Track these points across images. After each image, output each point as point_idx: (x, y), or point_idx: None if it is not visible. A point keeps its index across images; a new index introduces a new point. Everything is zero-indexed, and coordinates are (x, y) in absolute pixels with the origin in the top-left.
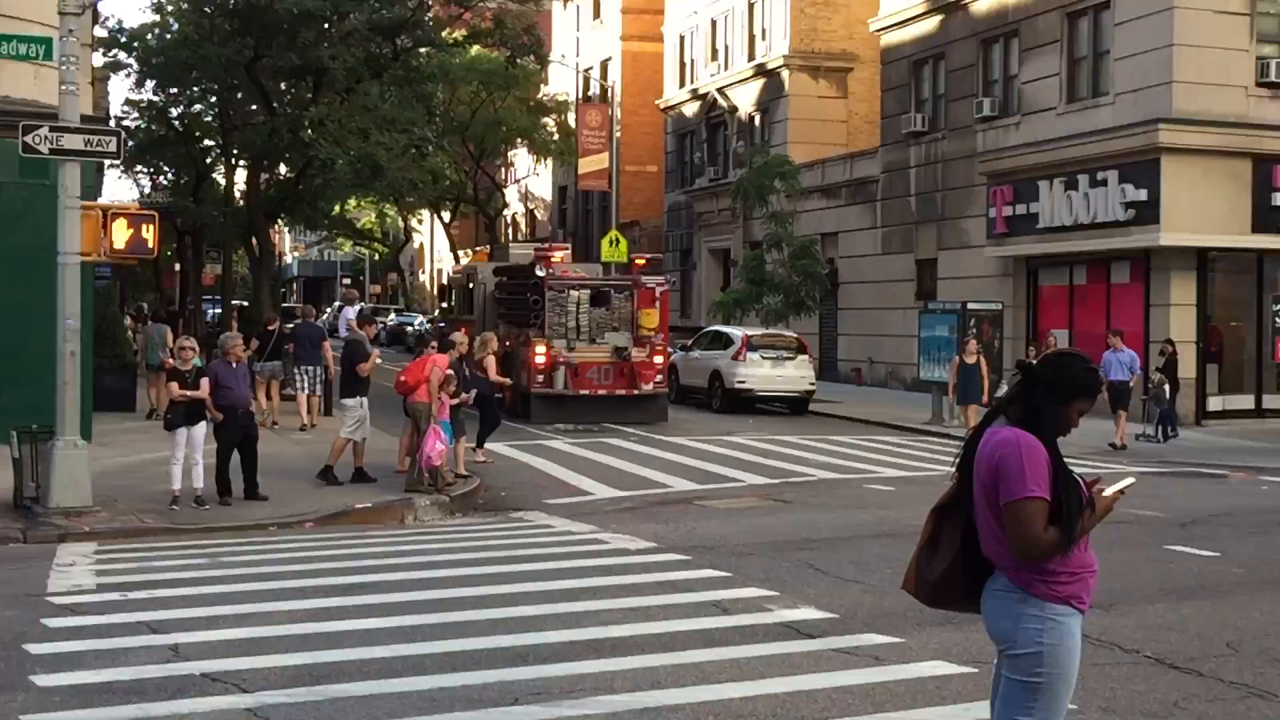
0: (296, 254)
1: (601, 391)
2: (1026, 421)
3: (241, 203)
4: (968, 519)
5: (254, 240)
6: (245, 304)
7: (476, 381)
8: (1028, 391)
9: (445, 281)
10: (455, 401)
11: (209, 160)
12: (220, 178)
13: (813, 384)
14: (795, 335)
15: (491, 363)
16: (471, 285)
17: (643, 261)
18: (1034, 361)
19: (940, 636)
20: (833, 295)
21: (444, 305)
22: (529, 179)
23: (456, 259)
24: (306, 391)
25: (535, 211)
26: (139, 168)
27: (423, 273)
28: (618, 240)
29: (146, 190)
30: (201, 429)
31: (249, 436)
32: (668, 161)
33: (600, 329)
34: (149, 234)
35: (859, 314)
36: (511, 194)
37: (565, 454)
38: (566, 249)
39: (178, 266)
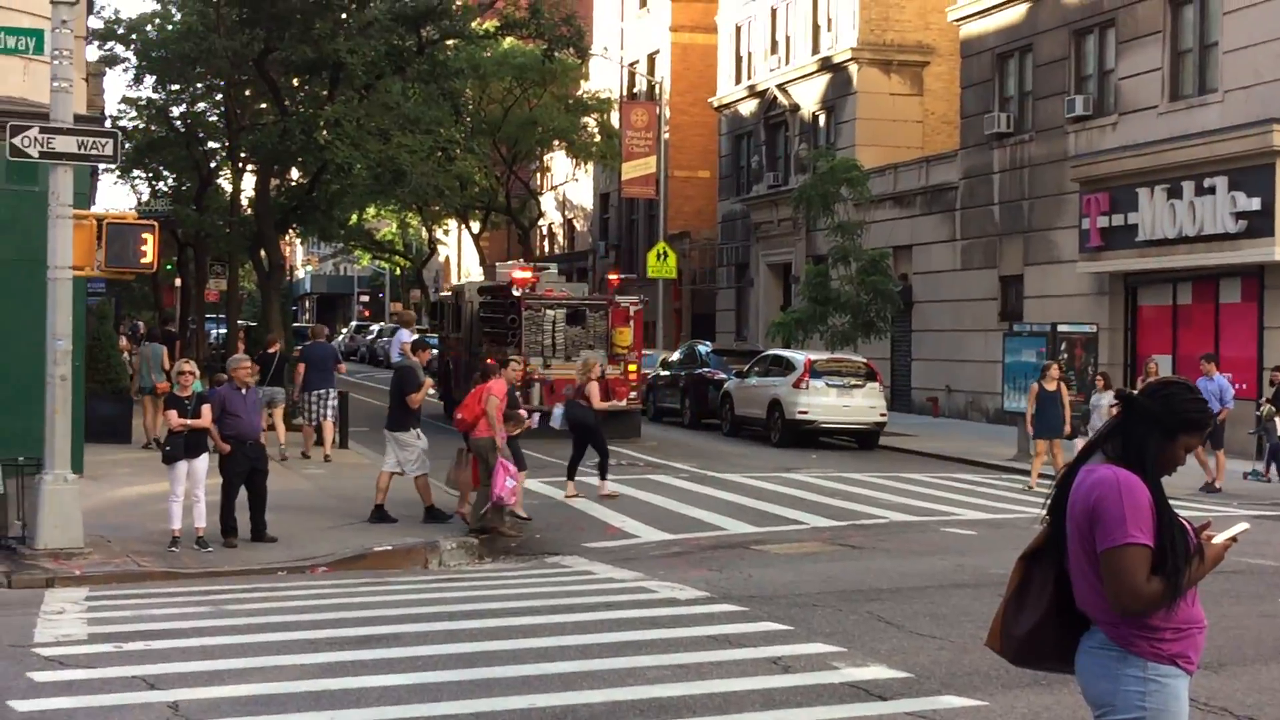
0: (309, 268)
1: None
2: (1127, 458)
3: (249, 211)
4: (1060, 568)
5: (263, 253)
6: (253, 324)
7: (577, 410)
8: (1128, 426)
9: (434, 300)
10: (517, 430)
11: (214, 164)
12: (226, 183)
13: (883, 415)
14: (864, 360)
15: (595, 390)
16: (459, 305)
17: (616, 280)
18: (1134, 392)
19: (1028, 699)
20: (906, 315)
21: (432, 324)
22: (567, 185)
23: (486, 274)
24: (317, 419)
25: (574, 221)
26: (136, 172)
27: (448, 290)
28: (665, 254)
29: (144, 197)
30: (204, 462)
31: (257, 470)
32: (722, 166)
33: (576, 347)
34: (148, 246)
35: (935, 336)
36: (548, 202)
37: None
38: (549, 268)
39: (178, 282)
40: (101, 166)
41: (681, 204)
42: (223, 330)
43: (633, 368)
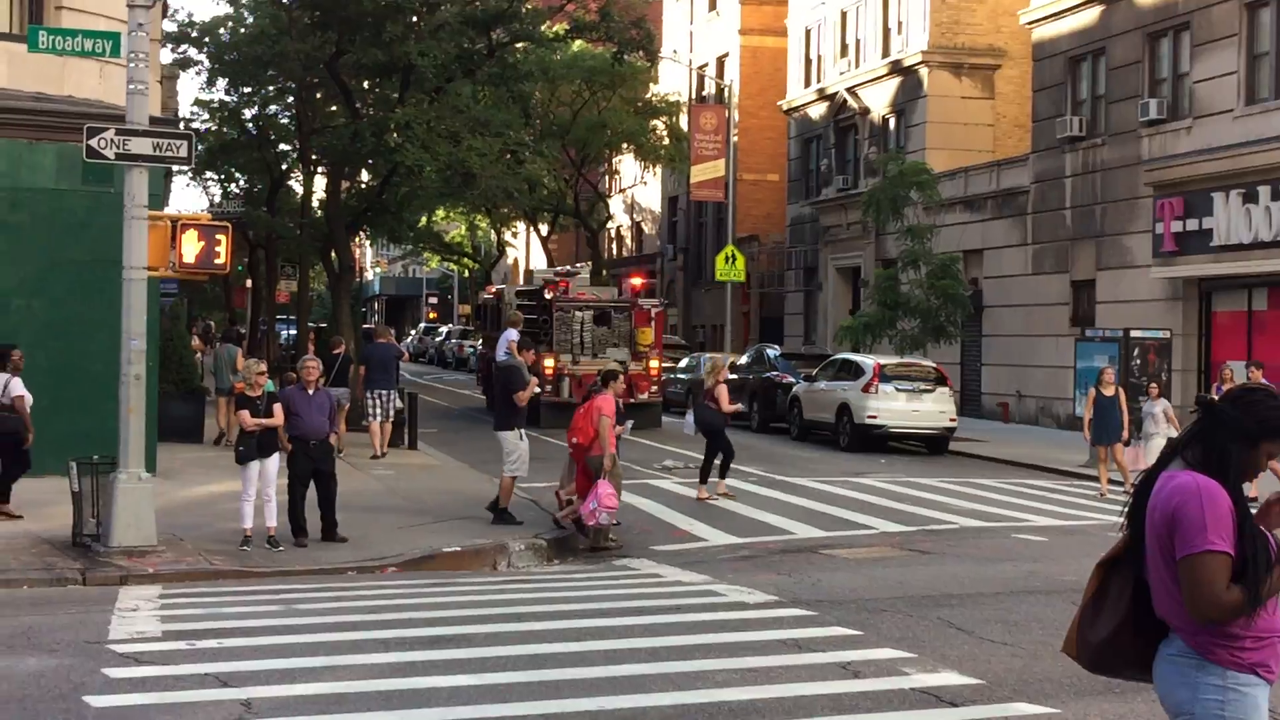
0: (378, 270)
1: None
2: (1207, 465)
3: (320, 213)
4: (1139, 574)
5: (333, 254)
6: (323, 325)
7: (707, 413)
8: (1209, 432)
9: (479, 302)
10: (620, 430)
11: (284, 166)
12: (297, 185)
13: (953, 420)
14: (934, 365)
15: (723, 392)
16: (500, 307)
17: (639, 284)
18: (1215, 398)
19: (1101, 707)
20: (976, 320)
21: (477, 324)
22: (635, 188)
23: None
24: (379, 418)
25: (642, 224)
26: (209, 174)
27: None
28: (734, 257)
29: (216, 198)
30: (275, 462)
31: (321, 472)
32: (791, 169)
33: (602, 345)
34: (221, 247)
35: (1006, 342)
36: (616, 204)
37: (674, 495)
38: (579, 273)
39: (249, 283)
40: (175, 168)
41: (750, 207)
42: (293, 331)
43: (654, 364)
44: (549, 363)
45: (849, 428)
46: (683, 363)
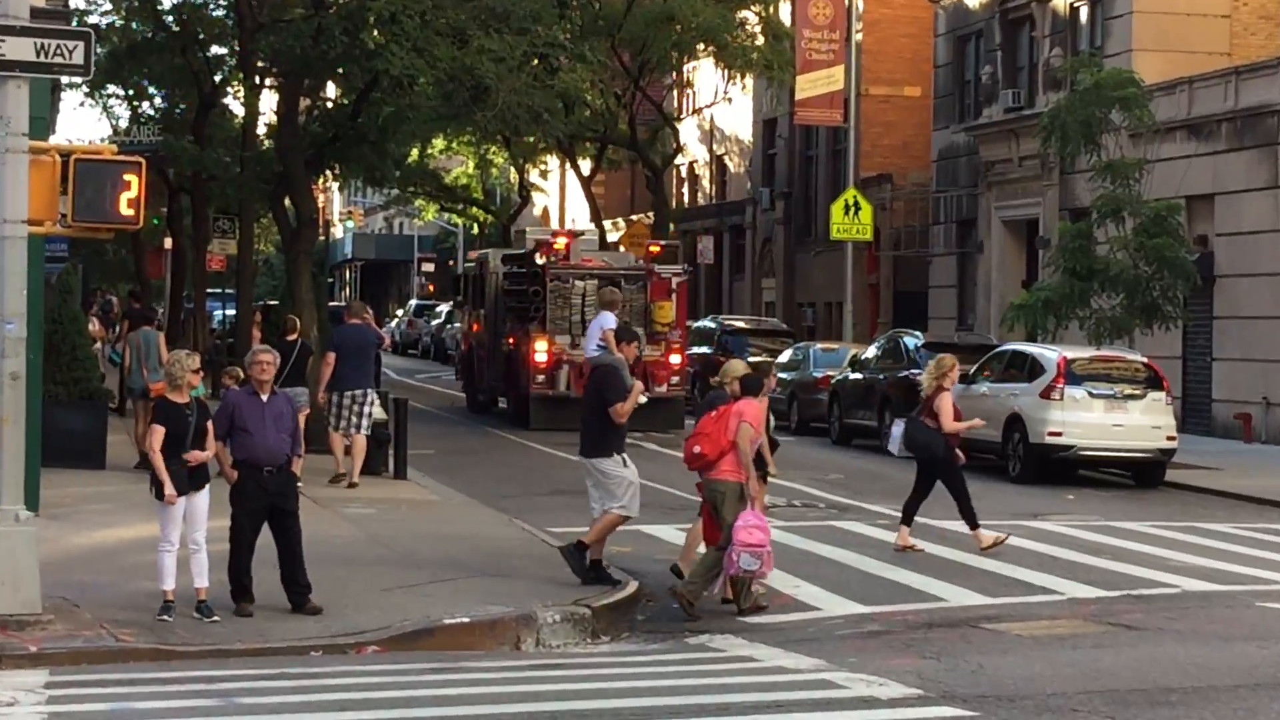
0: (351, 224)
1: None
2: None
3: (269, 144)
4: None
5: (288, 202)
6: (274, 302)
7: (923, 431)
8: None
9: (460, 271)
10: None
11: (219, 78)
12: (236, 105)
13: (1172, 439)
14: (1143, 360)
15: (947, 402)
16: (484, 276)
17: (657, 249)
18: None
19: None
20: (1205, 295)
21: (457, 300)
22: (716, 108)
23: (601, 233)
24: (350, 429)
25: (726, 159)
26: (112, 88)
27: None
28: (856, 206)
29: (123, 123)
30: (206, 497)
31: (280, 512)
32: (938, 81)
33: None
34: (130, 192)
35: (1249, 327)
36: (689, 131)
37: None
38: (585, 233)
39: (168, 243)
40: (66, 80)
41: (880, 134)
42: (230, 311)
43: (675, 348)
44: (540, 347)
45: (1021, 448)
46: (784, 356)
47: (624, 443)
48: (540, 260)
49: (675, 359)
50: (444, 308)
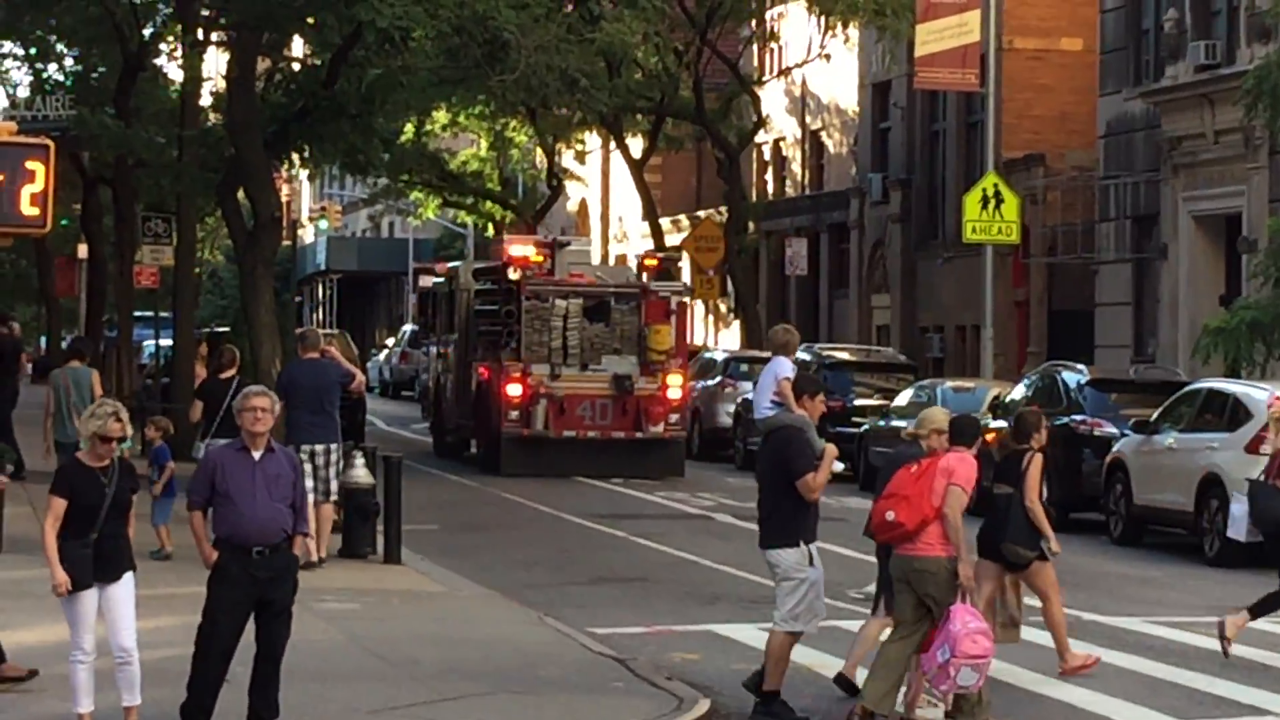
0: (326, 224)
1: (594, 433)
2: None
3: (217, 119)
4: None
5: (241, 195)
6: (223, 329)
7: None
8: None
9: (425, 289)
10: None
11: (149, 32)
12: (173, 69)
13: None
14: None
15: None
16: (454, 294)
17: (655, 262)
18: None
19: None
20: None
21: (421, 323)
22: (810, 68)
23: (658, 234)
24: (312, 495)
25: (823, 136)
26: (9, 47)
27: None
28: (998, 197)
29: (21, 92)
30: (128, 588)
31: (268, 605)
32: (1105, 31)
33: (596, 352)
34: (35, 184)
35: None
36: (774, 98)
37: None
38: (574, 243)
39: (83, 250)
40: None
41: (1028, 103)
42: (165, 341)
43: (676, 380)
44: (514, 378)
45: (1222, 522)
46: (902, 398)
47: (815, 530)
48: (514, 275)
49: (675, 393)
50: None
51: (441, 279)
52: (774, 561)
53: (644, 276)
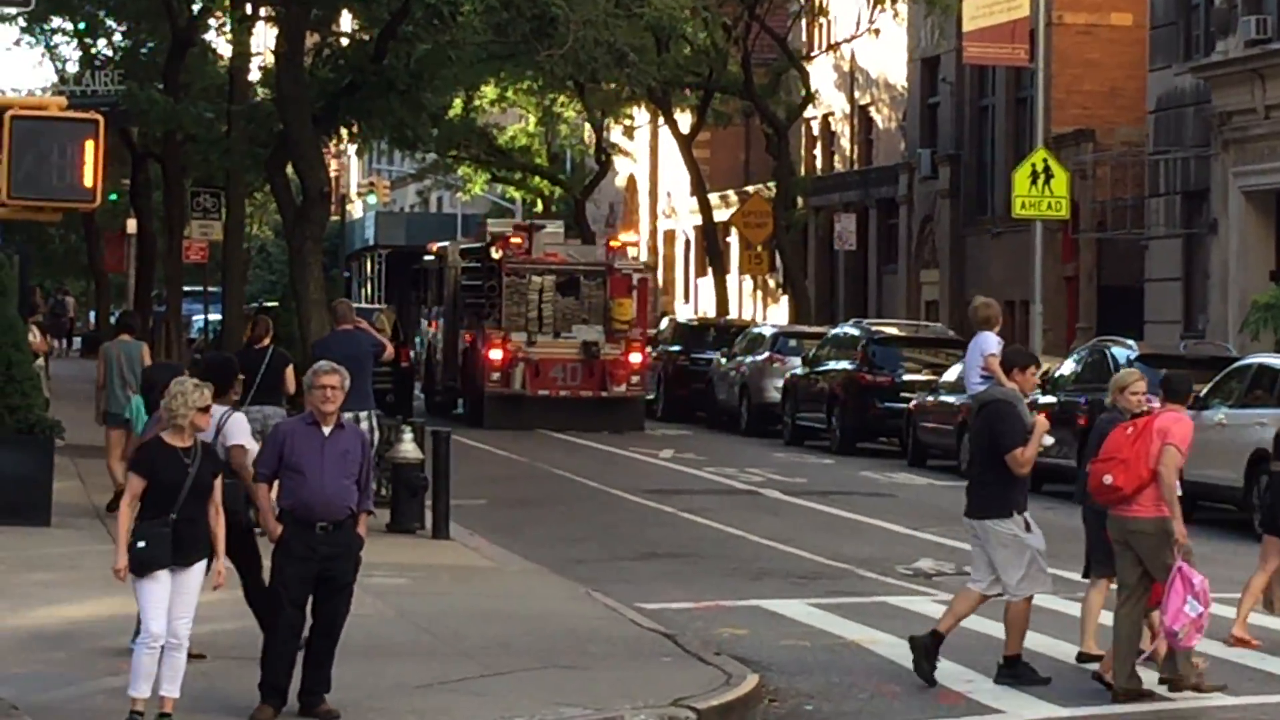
0: (374, 199)
1: (565, 393)
2: None
3: (266, 94)
4: None
5: (289, 170)
6: (272, 304)
7: None
8: None
9: (414, 266)
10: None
11: (198, 7)
12: (221, 44)
13: None
14: None
15: None
16: (443, 271)
17: (618, 243)
18: None
19: None
20: None
21: (415, 296)
22: (859, 43)
23: (706, 208)
24: None
25: (872, 111)
26: (58, 22)
27: (634, 234)
28: (1047, 172)
29: (71, 67)
30: (199, 573)
31: (331, 580)
32: (1155, 5)
33: (567, 321)
34: (86, 159)
35: None
36: (822, 73)
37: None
38: (545, 227)
39: (132, 225)
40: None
41: (1077, 78)
42: (214, 316)
43: (636, 347)
44: (495, 343)
45: (1270, 496)
46: (951, 373)
47: (1026, 498)
48: (496, 255)
49: (636, 358)
50: None
51: (433, 257)
52: (987, 531)
53: (609, 256)
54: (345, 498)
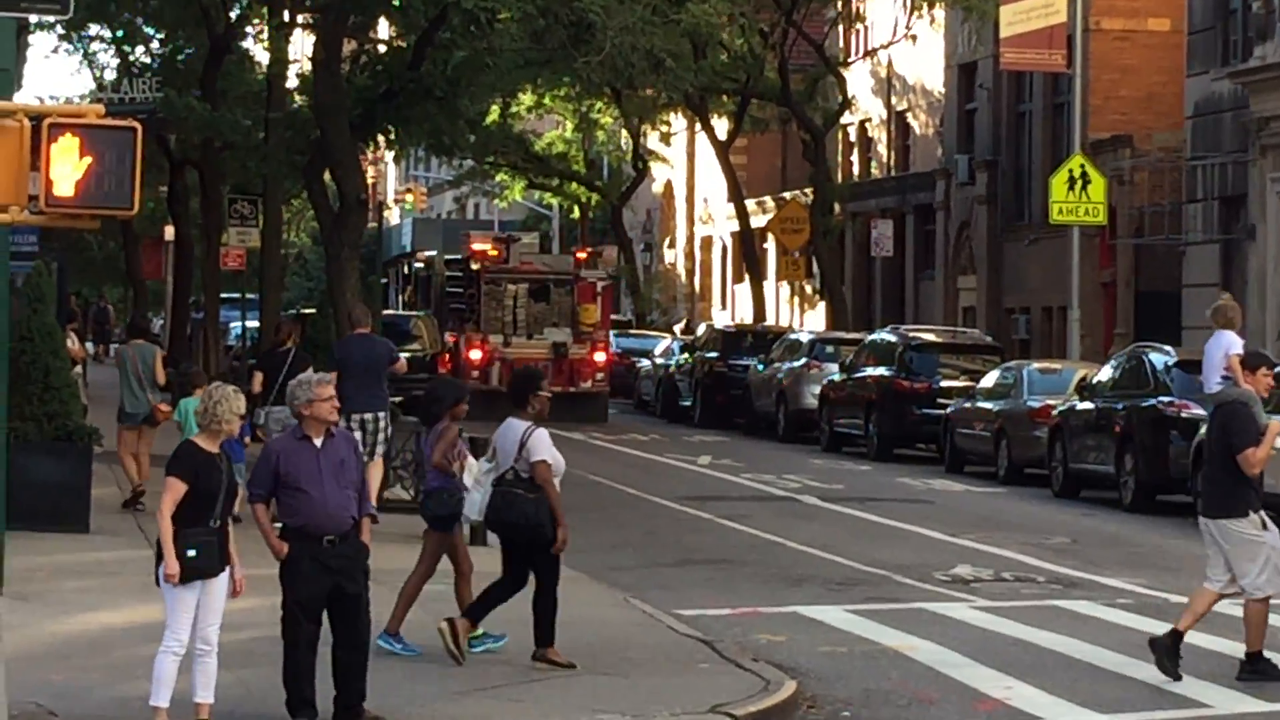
0: (409, 206)
1: None
2: None
3: (303, 102)
4: None
5: (327, 177)
6: (309, 310)
7: None
8: None
9: (407, 271)
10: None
11: (235, 14)
12: (259, 50)
13: None
14: None
15: None
16: (430, 278)
17: (584, 255)
18: None
19: None
20: None
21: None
22: (895, 49)
23: (743, 214)
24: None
25: (909, 117)
26: (95, 30)
27: (669, 246)
28: (1084, 178)
29: (108, 74)
30: (225, 579)
31: (345, 593)
32: (1193, 10)
33: (539, 324)
34: (125, 167)
35: None
36: (859, 79)
37: (977, 630)
38: (520, 239)
39: (170, 232)
40: (37, 18)
41: (1114, 84)
42: (251, 323)
43: (600, 347)
44: (474, 354)
45: None
46: (988, 380)
47: (1260, 497)
48: (475, 266)
49: (600, 356)
50: None
51: (421, 265)
52: (1223, 530)
53: (577, 266)
54: (349, 508)
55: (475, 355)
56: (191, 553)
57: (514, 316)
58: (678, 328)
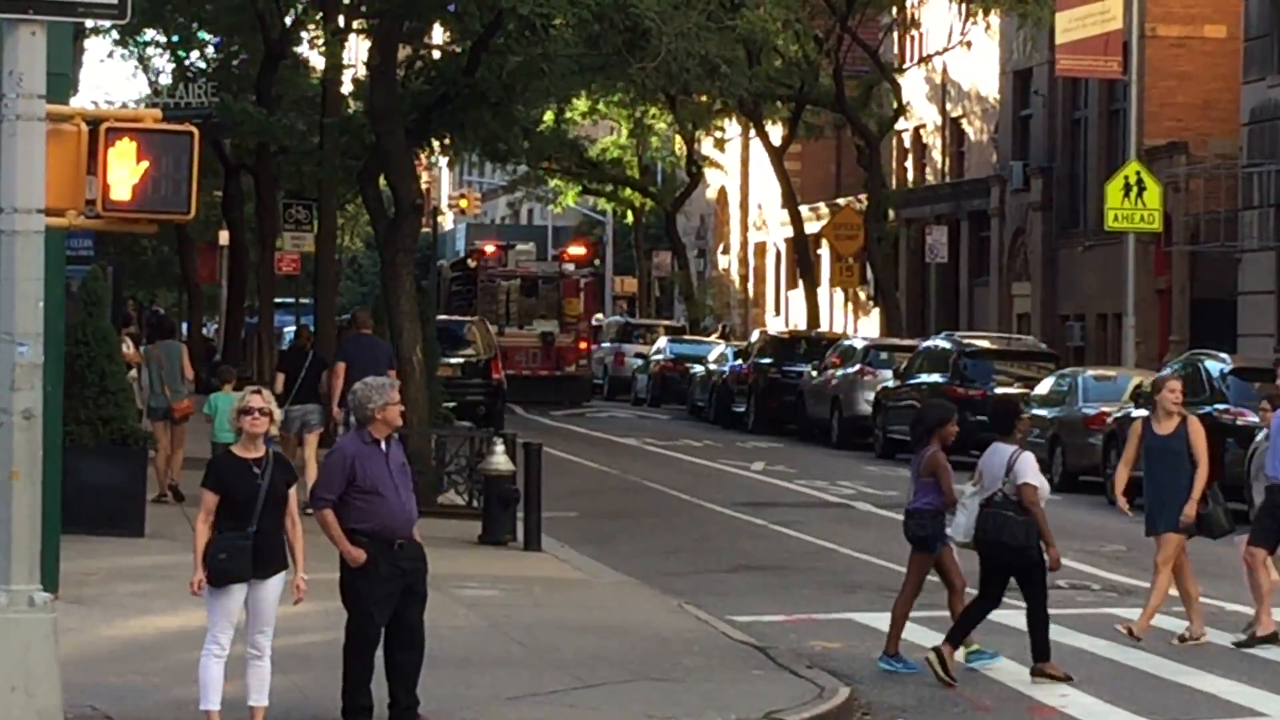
0: (463, 209)
1: (527, 372)
2: None
3: (357, 107)
4: None
5: (382, 183)
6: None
7: None
8: None
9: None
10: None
11: (291, 20)
12: (314, 56)
13: None
14: None
15: None
16: (438, 283)
17: (569, 256)
18: None
19: None
20: None
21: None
22: (950, 56)
23: (796, 220)
24: None
25: (964, 124)
26: (151, 34)
27: (723, 252)
28: (1141, 184)
29: (164, 79)
30: (279, 586)
31: (414, 593)
32: (1249, 17)
33: (530, 316)
34: (182, 171)
35: None
36: (914, 86)
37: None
38: (519, 245)
39: (224, 237)
40: (93, 23)
41: (1170, 90)
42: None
43: (583, 338)
44: None
45: None
46: (1043, 387)
47: None
48: (472, 265)
49: (582, 344)
50: (599, 318)
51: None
52: None
53: (562, 266)
54: (413, 512)
55: None
56: (221, 556)
57: (507, 309)
58: (714, 335)
